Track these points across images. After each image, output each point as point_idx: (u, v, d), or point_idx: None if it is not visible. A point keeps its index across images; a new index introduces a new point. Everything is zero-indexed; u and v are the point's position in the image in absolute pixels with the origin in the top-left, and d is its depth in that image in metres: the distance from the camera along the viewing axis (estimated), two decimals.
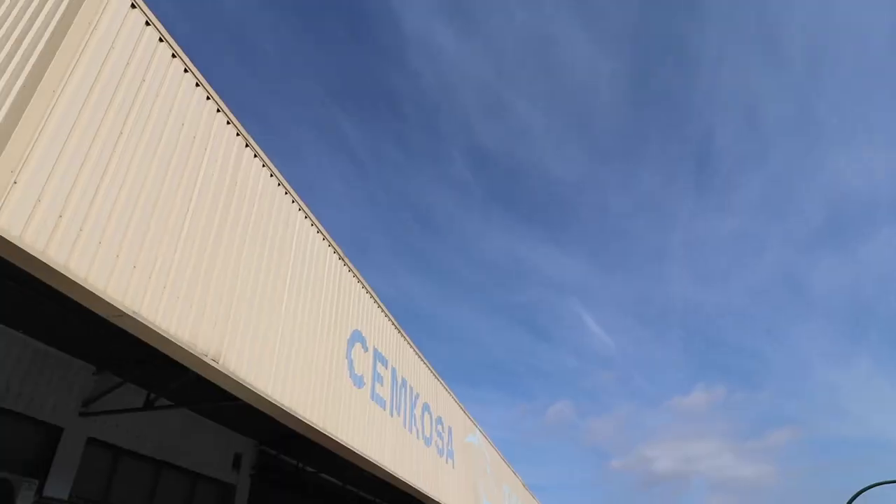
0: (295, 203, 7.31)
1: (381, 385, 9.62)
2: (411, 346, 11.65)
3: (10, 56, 4.14)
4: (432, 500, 11.68)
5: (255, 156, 6.48)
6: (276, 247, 6.70)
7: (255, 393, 5.98)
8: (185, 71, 5.37)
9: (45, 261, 3.72)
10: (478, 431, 16.84)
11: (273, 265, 6.57)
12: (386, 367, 10.00)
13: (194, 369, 5.43)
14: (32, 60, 4.00)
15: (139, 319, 4.46)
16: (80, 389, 8.37)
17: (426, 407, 12.13)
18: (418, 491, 10.92)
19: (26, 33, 4.26)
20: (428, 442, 11.83)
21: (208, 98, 5.68)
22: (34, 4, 4.49)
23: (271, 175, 6.77)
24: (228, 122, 6.00)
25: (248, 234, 6.12)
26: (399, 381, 10.59)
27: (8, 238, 3.47)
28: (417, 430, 11.24)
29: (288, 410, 6.54)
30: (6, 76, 3.98)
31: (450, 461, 13.34)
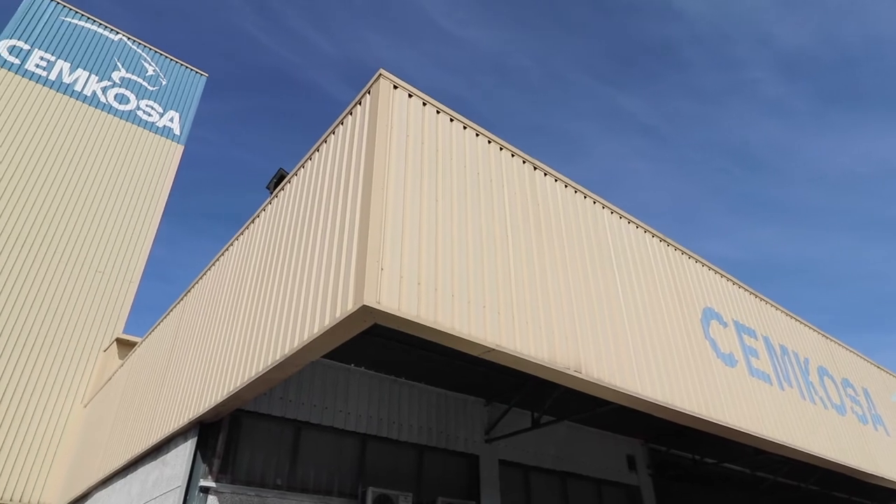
0: (597, 203, 7.31)
1: (757, 358, 8.63)
2: (778, 309, 10.23)
3: (347, 172, 5.26)
4: (872, 475, 9.77)
5: (546, 174, 6.75)
6: (595, 251, 6.77)
7: (625, 394, 6.02)
8: (465, 128, 5.99)
9: (421, 322, 4.49)
10: None
11: (598, 269, 6.63)
12: (755, 338, 8.96)
13: (562, 383, 5.78)
14: (362, 170, 5.00)
15: (504, 351, 4.99)
16: (480, 421, 9.73)
17: (822, 371, 10.37)
18: (847, 467, 9.28)
19: (352, 148, 5.36)
20: (841, 410, 10.04)
21: (490, 142, 6.20)
22: (349, 124, 5.65)
23: (566, 186, 6.95)
24: (514, 155, 6.42)
25: (566, 247, 6.34)
26: (777, 349, 9.35)
27: (391, 312, 4.31)
28: (822, 399, 9.66)
29: (664, 405, 6.38)
30: (350, 190, 5.06)
31: (880, 427, 11.03)
